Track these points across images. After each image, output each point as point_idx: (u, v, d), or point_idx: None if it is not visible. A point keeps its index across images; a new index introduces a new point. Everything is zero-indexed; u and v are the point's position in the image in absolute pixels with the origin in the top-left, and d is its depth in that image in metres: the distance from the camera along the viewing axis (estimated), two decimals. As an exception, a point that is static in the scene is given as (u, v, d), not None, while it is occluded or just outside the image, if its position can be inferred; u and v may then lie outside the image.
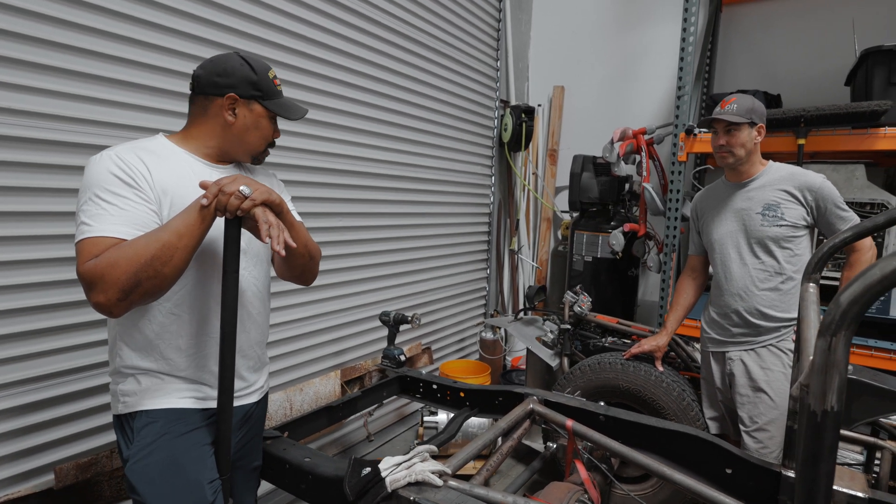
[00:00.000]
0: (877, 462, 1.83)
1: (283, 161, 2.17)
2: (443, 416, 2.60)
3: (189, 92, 1.21)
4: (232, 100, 1.16)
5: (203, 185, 1.05)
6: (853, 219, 1.68)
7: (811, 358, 1.13)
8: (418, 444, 2.66)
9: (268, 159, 2.16)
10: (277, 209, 1.08)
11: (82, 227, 1.01)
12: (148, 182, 1.08)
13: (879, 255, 2.18)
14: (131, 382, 1.14)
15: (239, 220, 1.06)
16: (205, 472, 1.13)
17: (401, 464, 1.29)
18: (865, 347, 2.16)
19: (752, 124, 1.74)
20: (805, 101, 2.58)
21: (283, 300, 2.22)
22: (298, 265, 1.28)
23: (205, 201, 1.02)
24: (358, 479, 1.27)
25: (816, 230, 1.78)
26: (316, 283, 2.35)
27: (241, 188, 1.02)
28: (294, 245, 1.07)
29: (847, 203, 2.19)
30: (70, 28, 1.50)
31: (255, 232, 1.07)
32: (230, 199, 1.02)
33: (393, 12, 2.66)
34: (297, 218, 1.29)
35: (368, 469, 1.28)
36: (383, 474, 1.26)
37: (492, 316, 3.84)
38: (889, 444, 1.84)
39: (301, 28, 2.18)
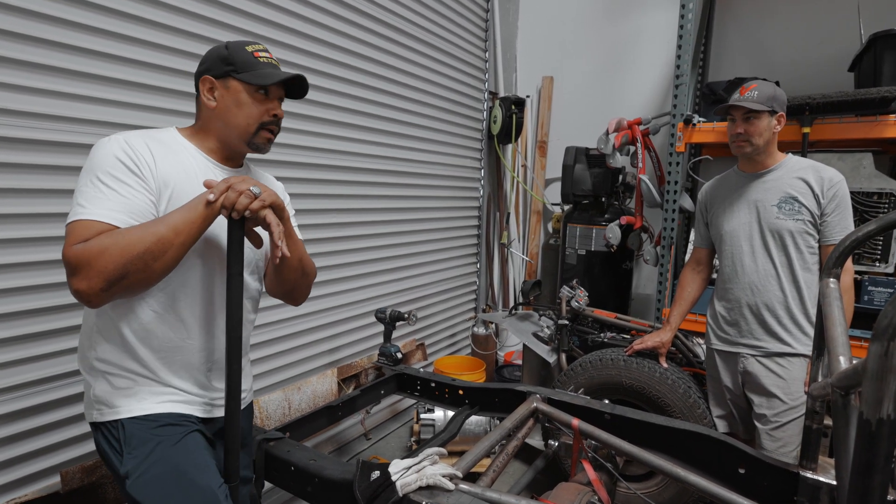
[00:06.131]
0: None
1: (269, 157, 2.05)
2: (440, 414, 2.54)
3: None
4: (208, 82, 1.11)
5: (209, 184, 0.99)
6: (850, 229, 1.63)
7: (842, 358, 1.11)
8: (414, 441, 2.62)
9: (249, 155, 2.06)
10: (280, 214, 1.04)
11: (77, 209, 0.96)
12: (151, 171, 1.02)
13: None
14: (103, 384, 1.08)
15: (243, 221, 1.00)
16: (212, 478, 1.08)
17: (410, 467, 1.24)
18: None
19: (773, 112, 1.68)
20: (804, 89, 2.53)
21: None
22: (290, 279, 1.22)
23: (212, 197, 0.97)
24: (367, 483, 1.22)
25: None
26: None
27: (252, 188, 0.98)
28: (289, 254, 1.04)
29: (854, 193, 2.17)
30: (68, 27, 1.45)
31: (251, 235, 1.04)
32: (240, 197, 0.96)
33: (379, 2, 2.55)
34: (297, 232, 1.24)
35: (377, 473, 1.24)
36: (393, 478, 1.21)
37: (484, 311, 3.79)
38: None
39: (282, 18, 2.06)
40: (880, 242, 2.19)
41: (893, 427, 0.72)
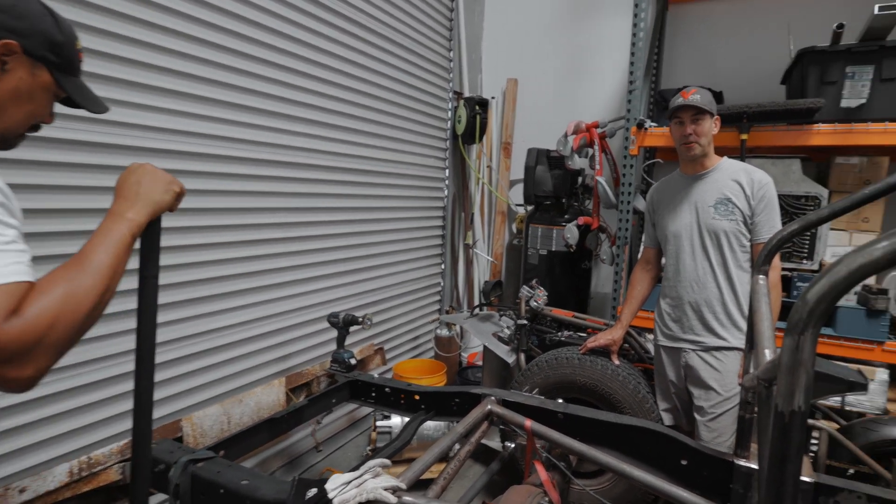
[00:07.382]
0: (814, 442, 1.92)
1: (215, 152, 1.98)
2: (397, 420, 2.51)
3: None
4: (6, 49, 0.79)
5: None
6: (777, 229, 1.73)
7: (767, 351, 1.14)
8: (370, 450, 2.57)
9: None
10: None
11: None
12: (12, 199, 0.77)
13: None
14: None
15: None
16: None
17: (350, 482, 1.20)
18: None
19: (712, 115, 1.78)
20: (745, 99, 2.67)
21: (220, 304, 2.02)
22: None
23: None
24: (302, 501, 1.17)
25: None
26: (259, 283, 2.20)
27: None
28: None
29: (783, 195, 2.32)
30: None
31: None
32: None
33: (339, -5, 2.51)
34: None
35: (315, 490, 1.19)
36: (330, 495, 1.17)
37: (447, 312, 3.78)
38: (824, 423, 1.93)
39: (239, 7, 1.98)
40: (807, 242, 2.33)
41: (804, 418, 0.74)
